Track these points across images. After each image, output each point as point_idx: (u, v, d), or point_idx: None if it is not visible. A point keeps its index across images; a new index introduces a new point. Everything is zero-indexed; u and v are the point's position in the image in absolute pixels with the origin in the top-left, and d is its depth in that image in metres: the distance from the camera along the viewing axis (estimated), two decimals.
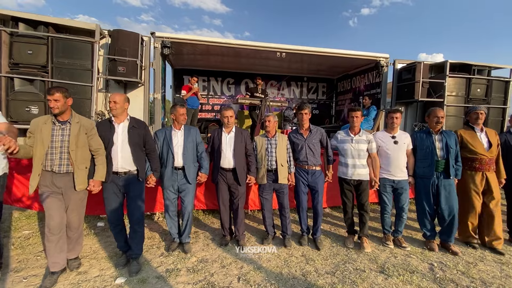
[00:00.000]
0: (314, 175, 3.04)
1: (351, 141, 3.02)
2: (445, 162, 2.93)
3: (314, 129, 3.10)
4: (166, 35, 4.35)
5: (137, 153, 2.52)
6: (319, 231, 3.14)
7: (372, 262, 2.74)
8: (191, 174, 2.86)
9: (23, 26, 3.34)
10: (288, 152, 3.07)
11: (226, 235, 3.12)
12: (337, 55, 5.06)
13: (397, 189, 3.05)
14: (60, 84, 3.37)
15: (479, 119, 3.04)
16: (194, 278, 2.40)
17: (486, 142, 3.01)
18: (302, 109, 3.04)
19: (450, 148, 2.91)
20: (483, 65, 4.99)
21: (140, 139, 2.55)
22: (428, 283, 2.39)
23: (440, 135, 2.98)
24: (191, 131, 2.93)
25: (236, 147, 2.95)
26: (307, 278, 2.43)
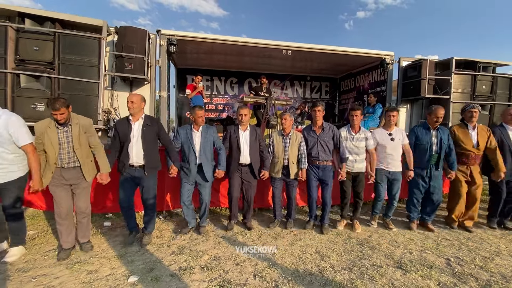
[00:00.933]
0: (324, 170, 3.23)
1: (352, 139, 3.25)
2: (438, 156, 3.23)
3: (327, 127, 3.25)
4: (172, 32, 4.32)
5: (149, 149, 2.77)
6: (326, 219, 3.36)
7: (388, 258, 2.70)
8: (208, 172, 3.09)
9: (30, 22, 3.28)
10: (302, 149, 3.24)
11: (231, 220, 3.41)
12: (342, 53, 5.06)
13: (391, 179, 3.34)
14: (66, 80, 3.32)
15: (473, 117, 3.28)
16: (209, 275, 2.34)
17: (475, 140, 3.29)
18: (315, 106, 3.21)
19: (443, 143, 3.20)
20: (488, 62, 4.99)
21: (154, 136, 2.82)
22: (447, 277, 2.35)
23: (437, 131, 3.25)
24: (208, 131, 3.12)
25: (251, 144, 3.18)
26: (324, 275, 2.38)
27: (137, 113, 2.72)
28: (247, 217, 3.40)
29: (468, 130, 3.33)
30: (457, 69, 4.90)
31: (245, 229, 3.33)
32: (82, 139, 2.56)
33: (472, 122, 3.30)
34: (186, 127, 3.10)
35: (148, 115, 2.87)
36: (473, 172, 3.35)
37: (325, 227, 3.32)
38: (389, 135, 3.29)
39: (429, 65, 4.70)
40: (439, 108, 3.18)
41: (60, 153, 2.48)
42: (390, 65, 5.19)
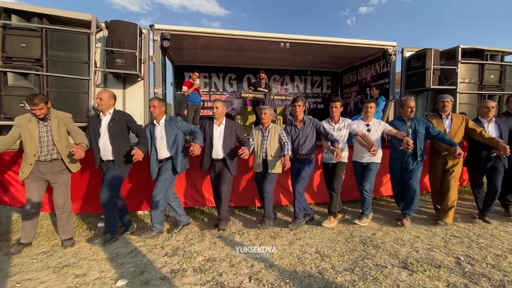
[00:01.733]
0: (304, 163, 3.21)
1: (333, 129, 3.26)
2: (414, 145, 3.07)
3: (308, 120, 3.23)
4: (165, 27, 4.18)
5: (117, 143, 2.81)
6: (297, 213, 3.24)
7: (393, 257, 2.54)
8: (178, 163, 3.01)
9: (16, 18, 3.18)
10: (283, 137, 3.16)
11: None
12: (343, 45, 4.87)
13: (364, 168, 3.31)
14: (55, 78, 3.21)
15: (445, 107, 3.29)
16: (202, 278, 2.21)
17: (448, 127, 3.27)
18: (296, 101, 3.22)
19: (418, 132, 3.16)
20: (496, 50, 4.76)
21: (121, 130, 2.86)
22: (457, 278, 2.19)
23: (411, 121, 3.25)
24: (171, 123, 3.02)
25: (225, 139, 3.13)
26: (324, 276, 2.24)
27: (105, 109, 2.80)
28: (220, 215, 3.24)
29: (441, 120, 3.33)
30: (464, 58, 4.69)
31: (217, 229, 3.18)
32: (62, 131, 2.70)
33: (446, 112, 3.31)
34: (149, 125, 3.08)
35: (118, 110, 2.92)
36: (447, 160, 3.29)
37: (294, 224, 3.25)
38: (366, 126, 3.29)
39: (433, 55, 4.48)
40: (409, 100, 3.24)
41: (41, 146, 2.60)
42: (392, 56, 4.99)
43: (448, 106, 3.29)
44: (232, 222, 3.47)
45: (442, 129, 3.23)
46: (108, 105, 2.80)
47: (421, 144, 3.18)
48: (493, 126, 3.34)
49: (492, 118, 3.36)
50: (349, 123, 3.26)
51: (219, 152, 3.12)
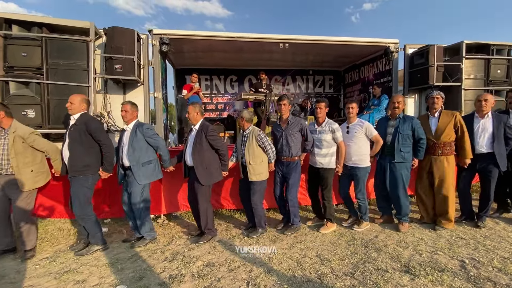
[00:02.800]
0: (288, 166, 3.10)
1: (315, 132, 3.13)
2: (392, 146, 3.06)
3: (293, 120, 3.11)
4: (164, 31, 4.21)
5: (73, 151, 2.63)
6: (293, 219, 3.16)
7: (395, 261, 2.48)
8: (139, 173, 2.81)
9: (17, 28, 3.25)
10: (264, 144, 3.01)
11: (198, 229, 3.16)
12: (343, 43, 4.81)
13: (350, 175, 3.18)
14: (55, 85, 3.26)
15: (435, 104, 3.08)
16: (199, 284, 2.21)
17: (434, 125, 3.08)
18: (281, 100, 3.10)
19: (399, 133, 3.00)
20: (502, 44, 4.63)
21: (79, 136, 2.62)
22: (461, 282, 2.12)
23: (395, 120, 3.08)
24: (137, 129, 2.83)
25: (195, 145, 2.88)
26: (323, 281, 2.20)
27: (75, 113, 2.67)
28: (202, 226, 3.02)
29: (428, 117, 3.17)
30: (468, 53, 4.57)
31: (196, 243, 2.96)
32: (18, 148, 2.58)
33: (434, 109, 3.10)
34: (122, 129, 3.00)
35: (85, 114, 2.71)
36: (433, 163, 3.10)
37: (291, 227, 3.16)
38: (346, 128, 3.17)
39: (437, 51, 4.39)
40: (396, 95, 3.16)
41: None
42: (395, 53, 4.90)
43: (438, 103, 3.08)
44: (233, 225, 3.46)
45: (427, 128, 3.08)
46: (79, 110, 2.65)
47: (401, 146, 3.01)
48: (488, 122, 3.07)
49: (488, 113, 3.09)
50: (335, 128, 3.04)
51: (188, 158, 2.94)
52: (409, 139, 3.02)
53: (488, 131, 3.04)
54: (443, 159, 3.05)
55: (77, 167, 2.62)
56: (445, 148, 3.03)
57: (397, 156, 3.01)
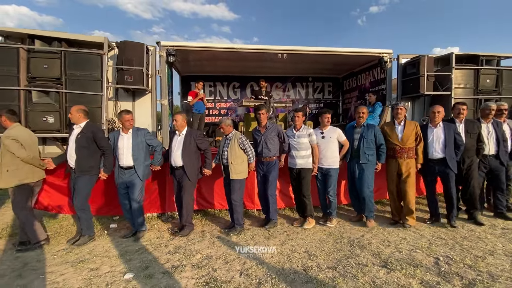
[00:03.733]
0: (268, 165, 3.51)
1: (293, 136, 3.52)
2: (358, 150, 3.49)
3: (271, 125, 3.54)
4: (170, 43, 4.54)
5: (81, 154, 3.06)
6: (272, 214, 3.54)
7: (375, 257, 2.73)
8: (141, 171, 3.24)
9: (39, 42, 3.61)
10: (245, 146, 3.39)
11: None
12: (339, 54, 5.08)
13: (325, 175, 3.58)
14: (72, 94, 3.61)
15: (398, 114, 3.49)
16: (198, 273, 2.49)
17: (400, 133, 3.46)
18: (259, 110, 3.52)
19: (364, 138, 3.45)
20: (491, 55, 4.82)
21: (87, 142, 3.07)
22: (432, 276, 2.36)
23: (361, 128, 3.54)
24: (139, 133, 3.28)
25: (185, 147, 3.30)
26: (308, 273, 2.47)
27: (76, 121, 3.07)
28: (182, 221, 3.41)
29: (394, 126, 3.52)
30: (459, 64, 4.79)
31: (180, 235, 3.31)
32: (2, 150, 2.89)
33: (398, 119, 3.50)
34: (115, 132, 3.33)
35: (90, 123, 3.16)
36: (401, 165, 3.46)
37: (270, 223, 3.51)
38: (321, 134, 3.58)
39: (427, 62, 4.62)
40: (360, 107, 3.57)
41: None
42: (388, 63, 5.14)
43: (401, 113, 3.48)
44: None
45: (394, 135, 3.47)
46: (77, 118, 3.07)
47: (366, 149, 3.43)
48: (439, 130, 3.44)
49: (439, 123, 3.47)
50: (310, 133, 3.51)
51: (178, 160, 3.30)
52: (372, 144, 3.46)
53: (440, 138, 3.41)
54: (408, 162, 3.45)
55: (84, 168, 3.09)
56: (409, 152, 3.44)
57: (362, 157, 3.44)
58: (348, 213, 4.07)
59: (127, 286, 2.32)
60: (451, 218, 3.49)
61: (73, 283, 2.37)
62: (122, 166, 3.21)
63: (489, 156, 3.64)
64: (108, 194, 3.71)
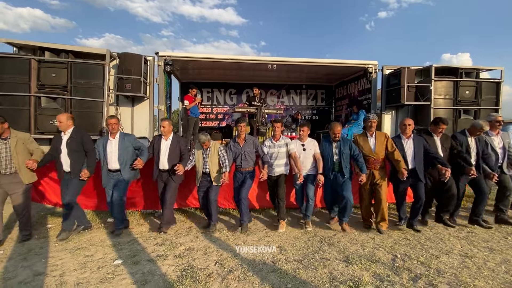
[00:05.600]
0: (246, 174, 3.75)
1: (274, 146, 3.75)
2: (339, 164, 3.62)
3: (249, 139, 3.77)
4: (168, 54, 4.95)
5: (74, 158, 3.29)
6: (245, 216, 3.71)
7: (340, 253, 3.01)
8: (126, 174, 3.48)
9: (48, 54, 4.06)
10: (221, 156, 3.63)
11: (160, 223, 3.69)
12: (325, 64, 5.40)
13: (305, 180, 3.72)
14: (76, 100, 4.02)
15: (372, 127, 3.65)
16: (178, 262, 2.82)
17: (373, 145, 3.62)
18: (239, 123, 3.71)
19: (342, 153, 3.60)
20: (470, 68, 5.08)
21: (78, 146, 3.30)
22: (384, 270, 2.64)
23: (337, 143, 3.67)
24: (126, 138, 3.50)
25: (171, 152, 3.58)
26: (275, 264, 2.77)
27: (65, 129, 3.28)
28: (164, 219, 3.64)
29: (367, 137, 3.68)
30: (440, 76, 5.06)
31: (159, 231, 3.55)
32: (19, 148, 3.17)
33: (371, 131, 3.65)
34: (104, 137, 3.55)
35: (77, 128, 3.37)
36: (375, 175, 3.61)
37: (244, 225, 3.67)
38: (302, 146, 3.78)
39: (407, 73, 4.91)
40: (335, 125, 3.63)
41: (0, 161, 3.10)
42: (373, 73, 5.43)
43: (373, 125, 3.65)
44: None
45: (368, 147, 3.63)
46: (67, 126, 3.26)
47: (346, 163, 3.61)
48: (411, 142, 3.61)
49: (410, 135, 3.64)
50: (288, 142, 3.73)
51: (165, 163, 3.58)
52: (349, 157, 3.64)
53: (411, 149, 3.59)
54: (381, 171, 3.63)
55: (78, 170, 3.33)
56: (382, 163, 3.62)
57: (345, 172, 3.60)
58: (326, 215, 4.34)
59: (115, 269, 2.66)
60: (414, 222, 3.70)
61: (70, 266, 2.74)
62: (110, 169, 3.47)
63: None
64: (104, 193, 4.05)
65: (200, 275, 2.56)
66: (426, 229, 3.74)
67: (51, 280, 2.49)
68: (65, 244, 3.27)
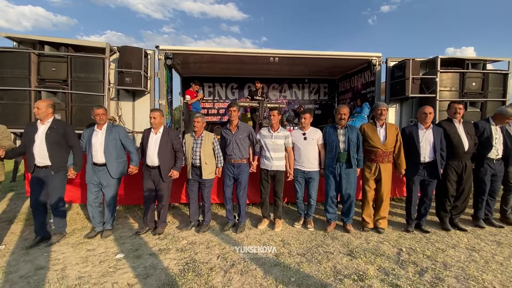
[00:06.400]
0: (239, 168, 3.39)
1: (271, 137, 3.42)
2: (347, 153, 3.27)
3: (242, 126, 3.42)
4: (168, 47, 4.88)
5: (54, 150, 2.94)
6: (242, 217, 3.51)
7: (344, 247, 2.97)
8: (113, 169, 3.17)
9: (48, 47, 4.01)
10: (216, 148, 3.36)
11: (145, 226, 3.41)
12: (328, 57, 5.30)
13: (307, 178, 3.46)
14: (77, 94, 3.98)
15: (382, 115, 3.32)
16: (181, 256, 2.80)
17: (383, 136, 3.30)
18: (230, 107, 3.37)
19: (351, 141, 3.26)
20: (477, 59, 4.96)
21: (59, 138, 2.97)
22: (389, 264, 2.59)
23: (344, 129, 3.33)
24: (113, 130, 3.21)
25: (161, 147, 3.23)
26: (278, 258, 2.73)
27: (43, 117, 2.93)
28: (160, 219, 3.42)
29: (376, 127, 3.35)
30: (445, 67, 4.94)
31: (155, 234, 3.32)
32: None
33: (381, 120, 3.32)
34: (91, 128, 3.21)
35: (58, 119, 3.08)
36: (382, 170, 3.29)
37: (240, 225, 3.43)
38: (303, 135, 3.42)
39: (412, 65, 4.80)
40: (341, 107, 3.32)
41: None
42: (377, 66, 5.33)
43: (383, 114, 3.30)
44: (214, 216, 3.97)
45: (377, 138, 3.28)
46: (46, 114, 2.92)
47: (354, 153, 3.25)
48: (430, 133, 3.26)
49: (430, 125, 3.29)
50: (287, 135, 3.41)
51: (154, 159, 3.22)
52: (356, 146, 3.28)
53: (431, 141, 3.24)
54: (388, 166, 3.33)
55: (60, 164, 3.01)
56: (390, 156, 3.32)
57: (352, 162, 3.24)
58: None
59: (117, 263, 2.64)
60: (422, 223, 3.45)
61: (72, 260, 2.73)
62: (95, 163, 3.15)
63: (495, 160, 3.42)
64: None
65: (202, 268, 2.53)
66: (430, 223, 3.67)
67: (52, 274, 2.47)
68: (67, 239, 3.26)
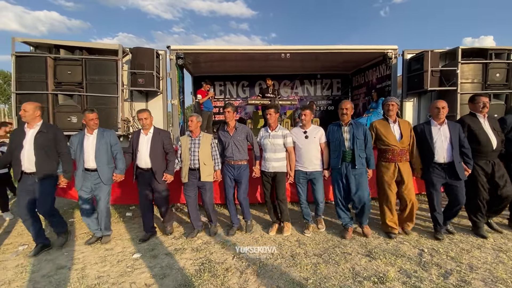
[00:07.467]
0: (239, 169, 3.26)
1: (268, 136, 3.24)
2: (352, 152, 3.01)
3: (240, 127, 3.29)
4: (179, 47, 4.88)
5: (41, 156, 2.78)
6: (247, 216, 3.41)
7: (362, 247, 2.89)
8: (104, 174, 3.04)
9: (63, 51, 4.09)
10: (213, 150, 3.25)
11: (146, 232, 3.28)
12: (342, 51, 5.15)
13: (310, 180, 3.25)
14: (92, 96, 4.05)
15: (390, 111, 3.09)
16: (196, 255, 2.81)
17: (398, 134, 3.06)
18: (225, 108, 3.25)
19: (356, 139, 3.00)
20: (501, 49, 4.67)
21: (48, 143, 2.83)
22: (411, 265, 2.49)
23: (349, 126, 3.08)
24: (105, 134, 3.09)
25: (153, 148, 3.12)
26: (294, 259, 2.69)
27: (30, 120, 2.78)
28: (165, 220, 3.39)
29: (389, 124, 3.11)
30: (467, 58, 4.69)
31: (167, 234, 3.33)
32: None
33: (391, 116, 3.10)
34: (80, 133, 3.09)
35: (48, 123, 2.92)
36: (401, 169, 3.02)
37: (247, 225, 3.39)
38: (304, 133, 3.22)
39: (431, 57, 4.58)
40: (344, 102, 3.13)
41: None
42: (393, 59, 5.13)
43: (392, 110, 3.07)
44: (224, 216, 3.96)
45: (391, 135, 3.04)
46: (33, 117, 2.77)
47: (360, 152, 3.00)
48: (445, 129, 2.97)
49: (444, 120, 3.00)
50: (285, 133, 3.22)
51: (147, 161, 3.11)
52: (363, 145, 3.03)
53: (447, 139, 2.93)
54: (407, 164, 3.09)
55: (48, 170, 2.84)
56: (407, 154, 3.08)
57: (357, 162, 2.97)
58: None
59: (134, 263, 2.68)
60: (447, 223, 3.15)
61: (91, 259, 2.78)
62: (87, 168, 3.01)
63: None
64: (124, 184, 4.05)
65: (218, 269, 2.52)
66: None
67: (73, 273, 2.53)
68: (86, 238, 3.33)
